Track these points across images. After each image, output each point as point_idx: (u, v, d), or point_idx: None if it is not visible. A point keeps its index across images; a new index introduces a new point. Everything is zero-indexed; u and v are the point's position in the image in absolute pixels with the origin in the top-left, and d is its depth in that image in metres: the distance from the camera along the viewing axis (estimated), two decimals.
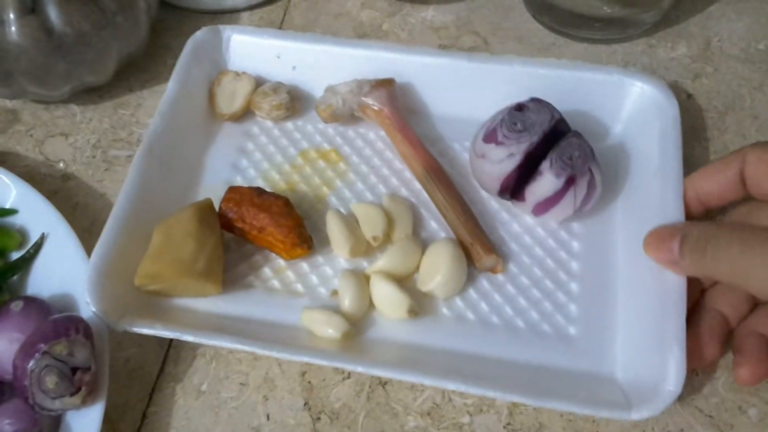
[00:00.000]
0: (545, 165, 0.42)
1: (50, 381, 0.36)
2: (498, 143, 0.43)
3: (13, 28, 0.47)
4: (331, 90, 0.50)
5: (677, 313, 0.38)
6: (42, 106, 0.55)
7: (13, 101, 0.56)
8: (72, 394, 0.36)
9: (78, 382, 0.36)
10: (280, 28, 0.60)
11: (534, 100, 0.44)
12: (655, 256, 0.40)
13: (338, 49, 0.51)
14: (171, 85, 0.49)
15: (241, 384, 0.42)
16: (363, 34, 0.59)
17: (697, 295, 0.41)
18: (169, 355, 0.43)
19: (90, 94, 0.55)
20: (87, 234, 0.46)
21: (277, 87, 0.51)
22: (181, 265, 0.41)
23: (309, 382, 0.42)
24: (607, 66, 0.49)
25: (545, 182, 0.42)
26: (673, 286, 0.39)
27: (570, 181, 0.42)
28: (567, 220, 0.46)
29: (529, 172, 0.43)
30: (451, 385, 0.38)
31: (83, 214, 0.49)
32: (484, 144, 0.44)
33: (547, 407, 0.38)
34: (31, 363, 0.35)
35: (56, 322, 0.37)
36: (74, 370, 0.36)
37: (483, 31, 0.59)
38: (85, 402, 0.37)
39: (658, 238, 0.40)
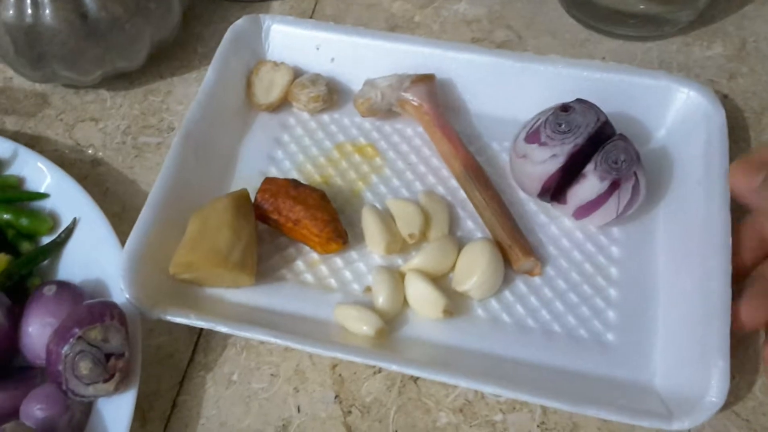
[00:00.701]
0: (589, 167, 0.41)
1: (84, 366, 0.35)
2: (541, 144, 0.42)
3: (47, 11, 0.47)
4: (370, 84, 0.49)
5: (721, 322, 0.37)
6: (72, 90, 0.55)
7: (43, 85, 0.55)
8: (105, 381, 0.36)
9: (112, 368, 0.36)
10: (311, 17, 0.60)
11: (580, 101, 0.44)
12: (737, 181, 0.40)
13: (379, 43, 0.51)
14: (209, 73, 0.49)
15: (271, 375, 0.41)
16: (394, 25, 0.59)
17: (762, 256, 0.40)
18: (199, 344, 0.42)
19: (120, 79, 0.55)
20: (117, 220, 0.46)
21: (316, 79, 0.50)
22: (216, 255, 0.40)
23: (340, 375, 0.41)
24: (653, 70, 0.48)
25: (589, 185, 0.42)
26: (718, 296, 0.38)
27: (614, 185, 0.41)
28: (607, 225, 0.45)
29: (572, 175, 0.42)
30: (488, 389, 0.37)
31: (113, 200, 0.48)
32: (526, 144, 0.43)
33: (585, 414, 0.38)
34: (66, 348, 0.35)
35: (91, 307, 0.37)
36: (108, 356, 0.36)
37: (516, 25, 0.58)
38: (118, 389, 0.36)
39: (745, 166, 0.40)
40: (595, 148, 0.42)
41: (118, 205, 0.48)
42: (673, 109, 0.48)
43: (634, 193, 0.42)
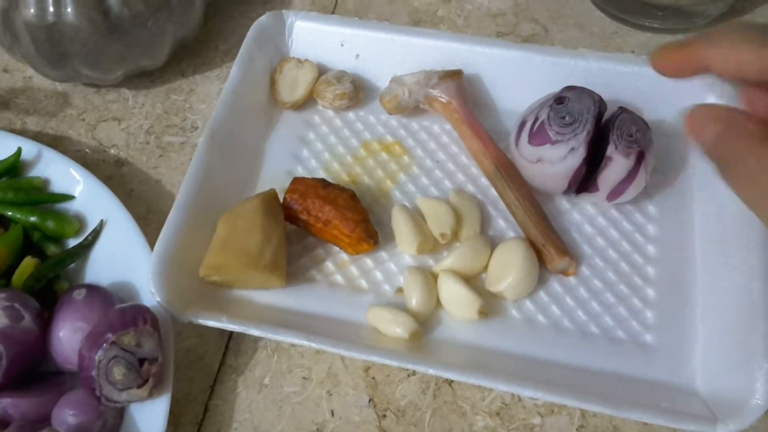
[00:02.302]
0: (611, 149, 0.41)
1: (118, 372, 0.34)
2: (553, 142, 0.42)
3: (69, 9, 0.46)
4: (397, 80, 0.48)
5: (765, 323, 0.37)
6: (93, 89, 0.54)
7: (63, 84, 0.54)
8: (139, 386, 0.35)
9: (145, 373, 0.35)
10: (332, 12, 0.59)
11: (569, 88, 0.43)
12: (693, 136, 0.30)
13: (405, 39, 0.50)
14: (234, 71, 0.48)
15: (304, 378, 0.41)
16: (418, 20, 0.58)
17: None
18: (229, 347, 0.42)
19: (141, 78, 0.54)
20: (143, 222, 0.45)
21: (341, 76, 0.50)
22: (247, 257, 0.40)
23: (373, 378, 0.41)
24: None
25: (617, 166, 0.41)
26: (760, 295, 0.37)
27: (640, 157, 0.41)
28: (642, 223, 0.44)
29: (596, 161, 0.42)
30: (526, 392, 0.36)
31: (139, 201, 0.48)
32: (536, 147, 0.42)
33: (629, 419, 0.37)
34: (99, 353, 0.34)
35: (123, 311, 0.36)
36: (141, 361, 0.35)
37: (542, 18, 0.57)
38: (152, 394, 0.36)
39: (697, 118, 0.30)
40: (603, 129, 0.42)
41: (143, 207, 0.47)
42: (710, 99, 0.47)
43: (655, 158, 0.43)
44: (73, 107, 0.53)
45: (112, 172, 0.49)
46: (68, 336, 0.37)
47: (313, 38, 0.52)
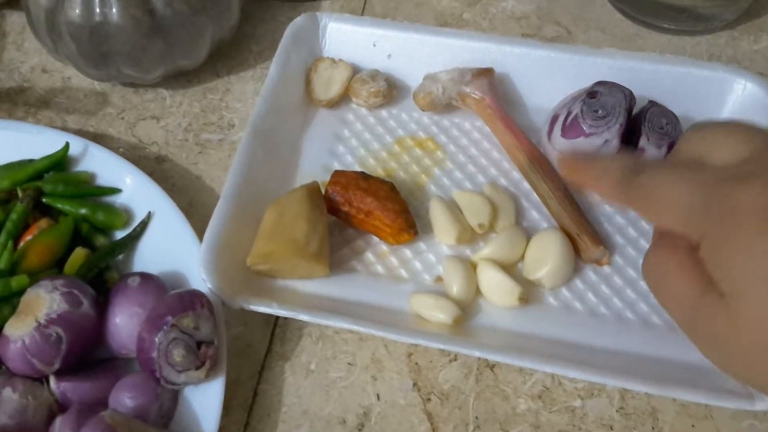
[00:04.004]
0: (643, 141, 0.43)
1: (178, 354, 0.36)
2: (587, 135, 0.43)
3: (115, 9, 0.48)
4: (431, 78, 0.50)
5: None
6: (131, 89, 0.56)
7: (102, 84, 0.56)
8: (197, 368, 0.36)
9: (203, 355, 0.36)
10: (361, 14, 0.60)
11: (600, 83, 0.45)
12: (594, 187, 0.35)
13: (435, 39, 0.52)
14: (272, 70, 0.50)
15: (349, 364, 0.42)
16: (443, 23, 0.60)
17: None
18: (275, 334, 0.43)
19: (178, 78, 0.56)
20: (186, 214, 0.46)
21: (375, 74, 0.51)
22: (294, 245, 0.41)
23: (416, 363, 0.42)
24: (709, 62, 0.49)
25: (649, 157, 0.43)
26: None
27: (671, 148, 0.43)
28: None
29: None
30: (569, 373, 0.38)
31: (180, 195, 0.49)
32: (569, 140, 0.44)
33: (666, 397, 0.38)
34: (159, 335, 0.36)
35: (181, 295, 0.37)
36: (199, 343, 0.37)
37: (564, 21, 0.59)
38: (208, 376, 0.37)
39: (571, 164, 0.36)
40: (634, 122, 0.44)
41: (185, 200, 0.49)
42: (730, 100, 0.48)
43: None
44: (112, 106, 0.54)
45: (153, 168, 0.51)
46: (124, 322, 0.38)
47: (345, 39, 0.53)
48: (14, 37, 0.60)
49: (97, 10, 0.48)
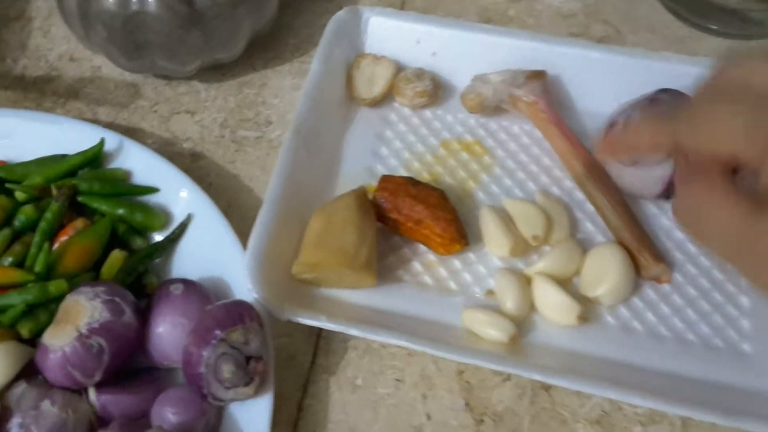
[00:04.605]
0: None
1: (227, 370, 0.34)
2: None
3: None
4: (481, 79, 0.48)
5: None
6: (164, 81, 0.53)
7: (133, 75, 0.54)
8: (246, 384, 0.34)
9: (252, 371, 0.35)
10: (401, 8, 0.58)
11: (663, 91, 0.43)
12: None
13: (484, 38, 0.49)
14: (315, 66, 0.48)
15: (396, 380, 0.40)
16: (488, 19, 0.57)
17: None
18: (319, 346, 0.41)
19: (213, 71, 0.53)
20: (224, 215, 0.44)
21: (420, 73, 0.49)
22: (343, 255, 0.39)
23: (467, 381, 0.40)
24: None
25: None
26: None
27: None
28: None
29: None
30: (632, 399, 0.36)
31: (218, 195, 0.47)
32: None
33: (734, 427, 0.36)
34: (207, 350, 0.34)
35: (228, 307, 0.35)
36: (248, 358, 0.35)
37: (613, 20, 0.57)
38: (257, 392, 0.35)
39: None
40: None
41: (223, 201, 0.47)
42: None
43: None
44: (144, 98, 0.52)
45: (188, 165, 0.49)
46: (168, 332, 0.36)
47: (388, 34, 0.51)
48: (40, 22, 0.57)
49: None
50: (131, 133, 0.50)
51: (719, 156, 0.29)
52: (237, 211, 0.46)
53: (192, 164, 0.49)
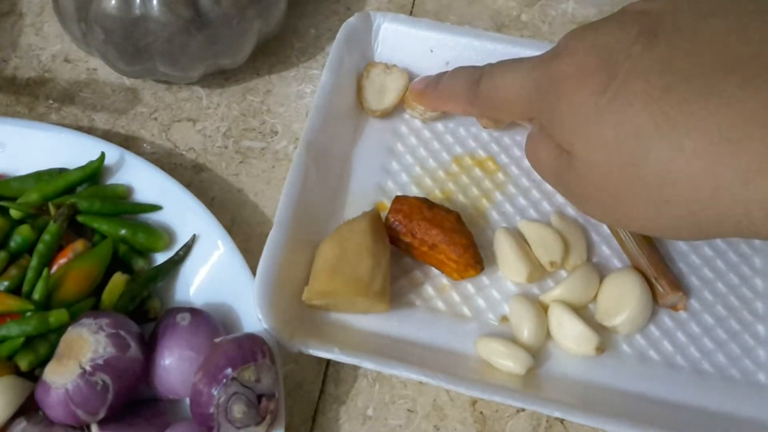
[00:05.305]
0: None
1: (238, 410, 0.32)
2: None
3: (155, 2, 0.43)
4: None
5: None
6: (164, 86, 0.51)
7: (131, 79, 0.51)
8: (257, 424, 0.33)
9: (264, 410, 0.33)
10: (410, 13, 0.56)
11: None
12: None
13: (499, 48, 0.48)
14: (325, 77, 0.46)
15: (408, 411, 0.39)
16: (501, 24, 0.55)
17: None
18: (328, 374, 0.40)
19: (215, 76, 0.51)
20: (228, 233, 0.43)
21: None
22: (358, 283, 0.38)
23: (481, 413, 0.39)
24: None
25: None
26: None
27: None
28: (748, 254, 0.43)
29: None
30: None
31: (221, 211, 0.45)
32: None
33: None
34: (218, 389, 0.32)
35: (240, 343, 0.34)
36: (259, 397, 0.33)
37: None
38: (268, 431, 0.34)
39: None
40: None
41: (226, 217, 0.45)
42: None
43: None
44: (143, 104, 0.50)
45: (191, 178, 0.47)
46: (175, 365, 0.35)
47: (400, 42, 0.49)
48: (32, 18, 0.55)
49: (137, 2, 0.43)
50: (130, 142, 0.48)
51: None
52: (241, 228, 0.45)
53: (195, 176, 0.47)
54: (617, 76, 0.30)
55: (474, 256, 0.40)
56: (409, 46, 0.49)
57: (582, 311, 0.41)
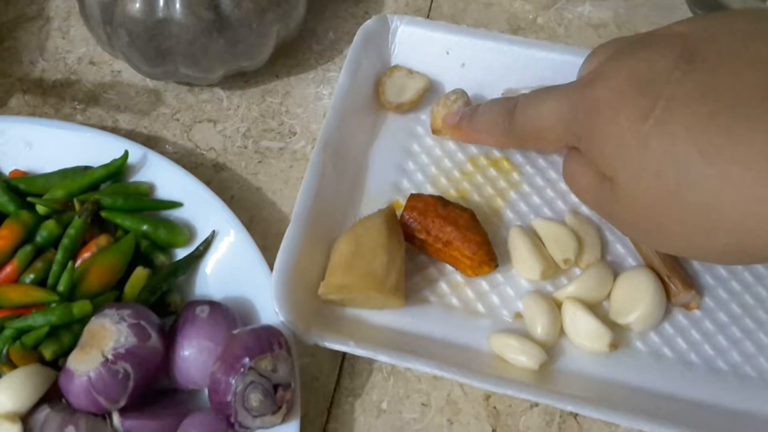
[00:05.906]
0: None
1: (255, 399, 0.33)
2: None
3: (178, 5, 0.45)
4: (511, 93, 0.47)
5: None
6: (186, 88, 0.52)
7: (154, 81, 0.53)
8: (273, 413, 0.34)
9: (280, 399, 0.34)
10: (427, 16, 0.57)
11: None
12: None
13: (515, 49, 0.48)
14: (342, 79, 0.47)
15: (422, 405, 0.40)
16: (516, 27, 0.56)
17: None
18: (344, 368, 0.41)
19: (236, 78, 0.52)
20: (247, 230, 0.44)
21: (458, 97, 0.47)
22: (373, 278, 0.38)
23: (494, 407, 0.39)
24: None
25: None
26: None
27: None
28: None
29: None
30: (659, 430, 0.35)
31: (240, 209, 0.46)
32: None
33: None
34: (236, 378, 0.33)
35: (257, 333, 0.35)
36: (276, 386, 0.34)
37: (645, 30, 0.56)
38: (284, 421, 0.35)
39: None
40: None
41: (245, 215, 0.46)
42: None
43: None
44: (166, 106, 0.51)
45: (211, 177, 0.48)
46: (194, 356, 0.36)
47: (416, 44, 0.50)
48: (59, 23, 0.56)
49: (161, 5, 0.44)
50: (153, 142, 0.49)
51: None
52: (259, 226, 0.46)
53: (215, 175, 0.48)
54: (658, 103, 0.30)
55: (488, 253, 0.41)
56: (425, 48, 0.50)
57: (596, 309, 0.41)
